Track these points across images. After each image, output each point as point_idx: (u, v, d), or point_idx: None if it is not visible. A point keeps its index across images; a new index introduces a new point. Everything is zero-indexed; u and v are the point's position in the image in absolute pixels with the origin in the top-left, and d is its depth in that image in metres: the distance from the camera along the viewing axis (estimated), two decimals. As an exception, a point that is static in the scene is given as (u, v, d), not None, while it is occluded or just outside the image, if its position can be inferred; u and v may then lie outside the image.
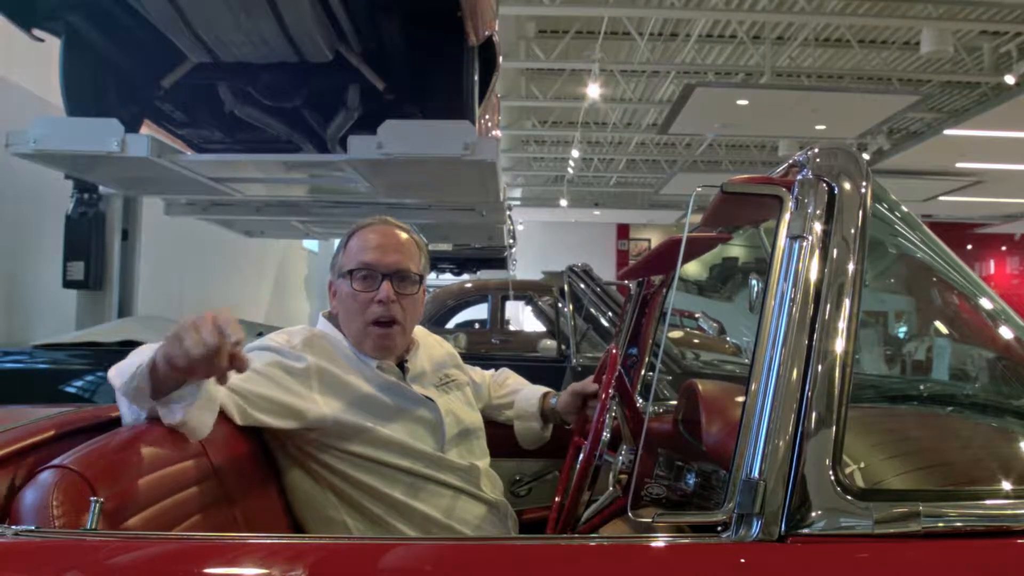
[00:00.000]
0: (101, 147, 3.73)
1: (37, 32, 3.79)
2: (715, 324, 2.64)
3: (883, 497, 1.18)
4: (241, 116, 4.25)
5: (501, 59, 4.49)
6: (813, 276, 1.23)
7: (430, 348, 2.10)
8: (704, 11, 10.65)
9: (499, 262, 10.58)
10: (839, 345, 1.20)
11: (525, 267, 13.02)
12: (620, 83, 13.54)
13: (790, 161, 1.37)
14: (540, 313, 7.83)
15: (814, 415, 1.16)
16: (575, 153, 16.91)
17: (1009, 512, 1.22)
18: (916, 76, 12.99)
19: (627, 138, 17.35)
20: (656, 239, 22.95)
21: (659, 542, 1.19)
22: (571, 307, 4.99)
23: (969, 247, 27.56)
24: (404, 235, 1.97)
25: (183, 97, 4.40)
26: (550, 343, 5.57)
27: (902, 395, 2.32)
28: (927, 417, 1.94)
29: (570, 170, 18.55)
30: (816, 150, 1.34)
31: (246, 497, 1.68)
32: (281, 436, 1.82)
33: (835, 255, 1.25)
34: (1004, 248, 27.73)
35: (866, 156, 15.44)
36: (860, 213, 1.29)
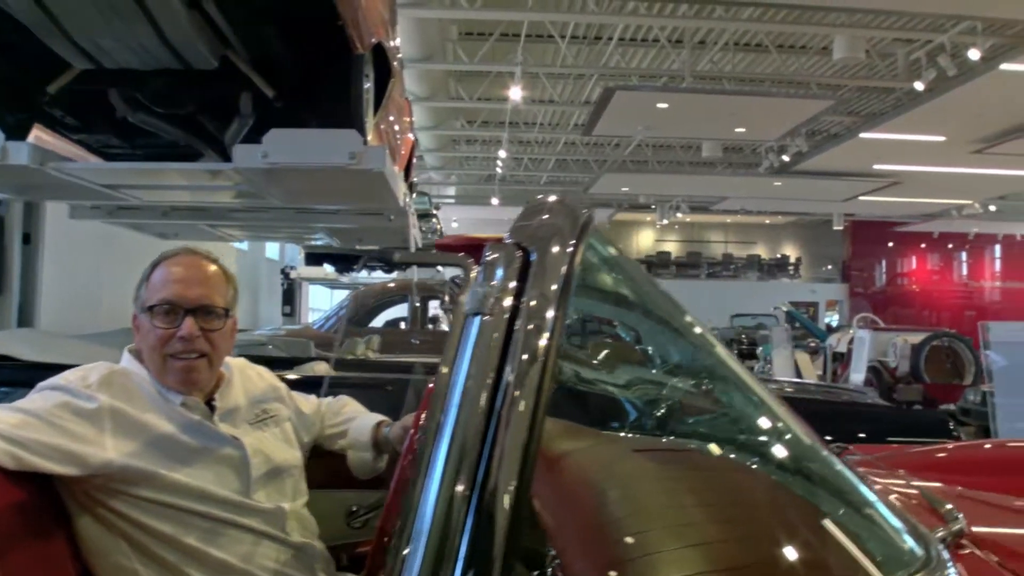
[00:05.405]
0: (-21, 154, 3.66)
1: (-88, 37, 3.70)
2: (633, 332, 2.65)
3: None
4: (135, 122, 4.18)
5: (396, 65, 4.49)
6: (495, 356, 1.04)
7: (248, 381, 1.98)
8: (624, 16, 10.79)
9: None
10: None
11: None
12: (546, 85, 13.65)
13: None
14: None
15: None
16: (503, 153, 16.99)
17: None
18: (833, 81, 13.34)
19: (555, 138, 17.50)
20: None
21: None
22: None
23: (891, 244, 28.39)
24: (211, 267, 1.84)
25: (74, 103, 4.31)
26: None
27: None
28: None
29: (499, 169, 18.64)
30: (550, 200, 1.23)
31: (27, 545, 1.56)
32: (68, 481, 1.70)
33: (526, 328, 1.05)
34: (924, 246, 28.64)
35: (786, 158, 15.80)
36: (562, 279, 1.10)
